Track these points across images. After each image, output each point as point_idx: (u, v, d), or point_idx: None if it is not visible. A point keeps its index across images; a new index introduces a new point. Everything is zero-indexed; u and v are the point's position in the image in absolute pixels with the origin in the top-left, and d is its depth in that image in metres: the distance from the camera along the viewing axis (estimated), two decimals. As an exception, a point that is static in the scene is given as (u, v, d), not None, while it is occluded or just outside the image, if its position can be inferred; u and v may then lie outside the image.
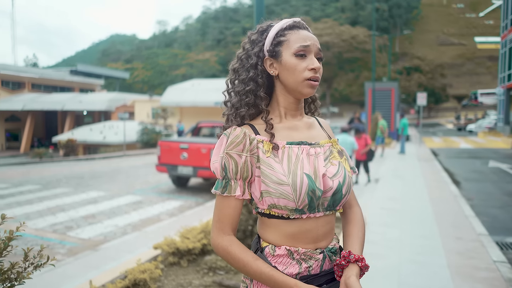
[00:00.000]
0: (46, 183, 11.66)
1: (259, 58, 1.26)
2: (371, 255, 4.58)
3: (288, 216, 1.17)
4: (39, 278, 4.27)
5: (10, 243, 1.63)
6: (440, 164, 13.29)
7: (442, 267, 4.23)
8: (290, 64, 1.21)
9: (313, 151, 1.22)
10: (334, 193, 1.19)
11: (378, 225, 5.88)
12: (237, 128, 1.20)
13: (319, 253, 1.19)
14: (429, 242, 5.09)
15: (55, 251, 5.57)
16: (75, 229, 6.70)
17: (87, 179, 12.59)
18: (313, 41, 1.23)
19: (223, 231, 1.18)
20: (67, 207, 8.32)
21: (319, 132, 1.33)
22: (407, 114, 57.78)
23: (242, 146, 1.17)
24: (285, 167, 1.15)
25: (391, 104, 23.50)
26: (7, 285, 1.54)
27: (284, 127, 1.25)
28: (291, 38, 1.22)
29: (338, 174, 1.22)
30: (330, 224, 1.24)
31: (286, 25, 1.25)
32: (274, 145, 1.19)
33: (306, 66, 1.20)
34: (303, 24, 1.28)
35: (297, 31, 1.24)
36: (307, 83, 1.21)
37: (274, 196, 1.15)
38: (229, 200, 1.18)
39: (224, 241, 1.17)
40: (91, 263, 4.70)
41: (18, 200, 9.13)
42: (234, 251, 1.15)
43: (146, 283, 3.23)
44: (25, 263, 1.61)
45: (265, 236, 1.22)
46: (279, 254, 1.17)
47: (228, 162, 1.16)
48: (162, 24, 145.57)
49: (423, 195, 8.12)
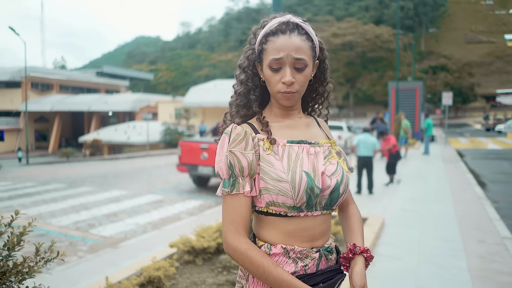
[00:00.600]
0: (71, 182, 11.99)
1: (250, 61, 1.25)
2: (387, 257, 4.51)
3: (286, 214, 1.17)
4: (62, 273, 4.41)
5: (22, 238, 1.69)
6: (466, 165, 12.94)
7: (462, 271, 4.13)
8: (266, 75, 1.20)
9: (312, 150, 1.22)
10: (331, 191, 1.19)
11: (397, 226, 5.78)
12: (238, 127, 1.20)
13: (315, 252, 1.19)
14: (450, 244, 4.97)
15: (78, 248, 5.72)
16: (97, 227, 6.86)
17: (111, 178, 12.87)
18: (287, 51, 1.15)
19: (239, 232, 1.14)
20: (90, 205, 8.53)
21: (318, 131, 1.33)
22: (432, 114, 56.53)
23: (245, 144, 1.17)
24: (284, 165, 1.16)
25: (416, 104, 23.02)
26: (18, 278, 1.60)
27: (283, 126, 1.26)
28: (269, 47, 1.18)
29: (336, 173, 1.21)
30: (326, 223, 1.24)
31: (269, 30, 1.19)
32: (272, 140, 1.19)
33: (279, 79, 1.17)
34: (289, 27, 1.18)
35: (277, 38, 1.17)
36: (281, 95, 1.19)
37: (272, 193, 1.15)
38: (239, 198, 1.16)
39: (242, 244, 1.12)
40: (110, 260, 4.81)
41: (44, 198, 9.42)
42: (254, 255, 1.11)
43: (160, 280, 3.28)
44: (36, 257, 1.67)
45: (261, 235, 1.22)
46: (275, 253, 1.17)
47: (233, 159, 1.16)
48: (185, 26, 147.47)
49: (446, 196, 7.93)
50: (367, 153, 8.32)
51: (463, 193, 8.29)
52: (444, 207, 7.01)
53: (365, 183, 8.68)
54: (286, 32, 1.17)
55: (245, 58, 1.26)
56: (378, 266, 4.24)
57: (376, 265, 4.27)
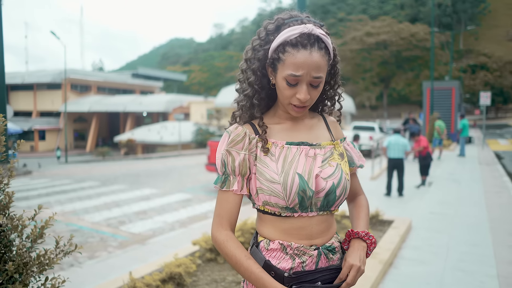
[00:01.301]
0: (105, 180, 12.42)
1: (261, 62, 1.22)
2: (412, 261, 4.42)
3: (280, 214, 1.20)
4: (92, 267, 4.60)
5: (44, 231, 1.79)
6: (504, 168, 12.41)
7: (491, 277, 3.99)
8: (280, 86, 1.19)
9: (312, 152, 1.23)
10: (327, 194, 1.20)
11: (425, 230, 5.64)
12: (239, 127, 1.24)
13: (313, 250, 1.20)
14: (480, 250, 4.80)
15: (108, 243, 5.94)
16: (127, 223, 7.08)
17: (143, 177, 13.23)
18: (307, 70, 1.13)
19: (222, 225, 1.21)
20: (122, 202, 8.81)
21: (322, 132, 1.33)
22: (471, 115, 54.52)
23: (242, 145, 1.21)
24: (279, 166, 1.18)
25: (452, 104, 22.26)
26: (39, 269, 1.71)
27: (284, 128, 1.28)
28: (287, 60, 1.14)
29: (333, 175, 1.22)
30: (325, 223, 1.25)
31: (289, 40, 1.13)
32: (265, 149, 1.22)
33: (294, 94, 1.17)
34: (310, 40, 1.13)
35: (297, 52, 1.12)
36: (291, 106, 1.20)
37: (266, 193, 1.18)
38: (228, 195, 1.21)
39: (222, 236, 1.19)
40: (137, 256, 4.97)
41: (79, 195, 9.82)
42: (229, 246, 1.17)
43: (181, 276, 3.36)
44: (56, 250, 1.77)
45: (261, 231, 1.26)
46: (272, 248, 1.20)
47: (228, 158, 1.21)
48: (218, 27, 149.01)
49: (479, 200, 7.65)
50: (397, 154, 8.15)
51: (498, 197, 7.97)
52: (476, 211, 6.77)
53: (395, 185, 8.51)
54: (307, 47, 1.12)
55: (255, 59, 1.22)
56: (402, 270, 4.17)
57: (400, 269, 4.20)
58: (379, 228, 5.46)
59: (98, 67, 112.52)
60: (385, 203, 7.61)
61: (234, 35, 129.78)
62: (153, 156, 23.88)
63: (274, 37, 1.18)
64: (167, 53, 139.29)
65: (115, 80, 47.90)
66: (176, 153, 24.46)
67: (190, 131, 28.45)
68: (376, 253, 4.28)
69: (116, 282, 3.44)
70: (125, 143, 27.34)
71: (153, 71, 59.15)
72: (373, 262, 3.99)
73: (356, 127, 20.50)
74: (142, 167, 16.79)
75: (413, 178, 9.77)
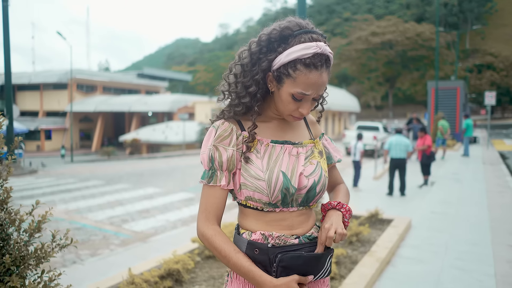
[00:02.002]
0: (109, 179, 12.53)
1: (264, 73, 1.22)
2: (410, 259, 4.44)
3: (262, 209, 1.24)
4: (93, 264, 4.68)
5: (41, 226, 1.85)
6: (508, 168, 12.35)
7: (488, 276, 4.00)
8: (284, 99, 1.21)
9: (295, 151, 1.28)
10: (308, 190, 1.25)
11: (424, 229, 5.66)
12: (225, 123, 1.26)
13: (294, 238, 1.24)
14: (478, 249, 4.82)
15: (110, 241, 6.01)
16: (129, 222, 7.16)
17: (146, 176, 13.32)
18: (316, 90, 1.18)
19: (209, 220, 1.22)
20: (125, 201, 8.89)
21: (303, 131, 1.38)
22: (477, 114, 54.20)
23: (229, 140, 1.24)
24: (264, 164, 1.22)
25: (456, 104, 22.15)
26: (35, 262, 1.76)
27: (270, 126, 1.32)
28: (299, 78, 1.15)
29: (314, 173, 1.27)
30: (305, 215, 1.29)
31: (303, 58, 1.14)
32: (249, 146, 1.25)
33: (297, 108, 1.22)
34: (321, 61, 1.15)
35: (309, 72, 1.15)
36: (291, 117, 1.25)
37: (250, 189, 1.22)
38: (215, 190, 1.23)
39: (209, 230, 1.20)
40: (139, 253, 5.03)
41: (83, 194, 9.92)
42: (218, 241, 1.19)
43: (179, 273, 3.42)
44: (53, 243, 1.82)
45: (243, 224, 1.30)
46: (254, 239, 1.23)
47: (215, 154, 1.23)
48: (224, 27, 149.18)
49: (481, 200, 7.64)
50: (399, 154, 8.16)
51: (500, 196, 7.96)
52: (478, 211, 6.77)
53: (397, 185, 8.52)
54: (318, 68, 1.15)
55: (258, 68, 1.21)
56: (399, 268, 4.19)
57: (397, 267, 4.22)
58: (378, 227, 5.48)
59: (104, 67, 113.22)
60: (386, 202, 7.63)
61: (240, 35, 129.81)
62: (157, 156, 24.01)
63: (280, 46, 1.18)
64: (172, 53, 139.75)
65: (120, 80, 48.14)
66: (180, 153, 24.57)
67: (194, 131, 28.55)
68: (374, 251, 4.31)
69: (115, 279, 3.50)
70: (130, 143, 27.51)
71: (159, 71, 59.36)
72: (370, 260, 4.02)
73: (360, 126, 20.47)
74: (146, 167, 16.90)
75: (416, 178, 9.77)
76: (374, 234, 5.11)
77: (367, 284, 3.49)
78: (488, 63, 67.30)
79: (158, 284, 3.28)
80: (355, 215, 5.98)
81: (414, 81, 73.33)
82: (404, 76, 74.53)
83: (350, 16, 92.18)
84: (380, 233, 5.13)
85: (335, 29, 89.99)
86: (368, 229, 4.90)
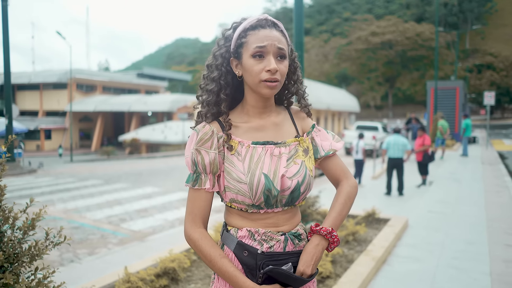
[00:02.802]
0: (108, 179, 12.54)
1: (225, 59, 1.28)
2: (406, 258, 4.46)
3: (247, 210, 1.25)
4: (91, 263, 4.68)
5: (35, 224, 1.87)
6: (506, 168, 12.36)
7: (483, 274, 4.02)
8: (248, 65, 1.23)
9: (277, 151, 1.27)
10: (292, 191, 1.25)
11: (421, 228, 5.67)
12: (206, 126, 1.27)
13: (280, 235, 1.25)
14: (474, 248, 4.83)
15: (108, 240, 6.02)
16: (128, 221, 7.17)
17: (145, 175, 13.34)
18: (271, 41, 1.21)
19: (195, 223, 1.23)
20: (124, 200, 8.91)
21: (288, 129, 1.36)
22: (476, 115, 54.20)
23: (210, 143, 1.24)
24: (245, 166, 1.22)
25: (456, 104, 22.18)
26: (29, 259, 1.78)
27: (250, 127, 1.31)
28: (250, 39, 1.22)
29: (298, 174, 1.26)
30: (290, 213, 1.30)
31: (249, 25, 1.24)
32: (229, 146, 1.26)
33: (263, 68, 1.21)
34: (268, 23, 1.25)
35: (258, 31, 1.23)
36: (263, 84, 1.21)
37: (233, 192, 1.23)
38: (200, 193, 1.24)
39: (196, 234, 1.22)
40: (136, 252, 5.04)
41: (82, 193, 9.93)
42: (204, 245, 1.20)
43: (175, 271, 3.44)
44: (46, 241, 1.84)
45: (229, 221, 1.31)
46: (241, 235, 1.25)
47: (198, 157, 1.24)
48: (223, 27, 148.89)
49: (479, 199, 7.66)
50: (397, 154, 8.18)
51: (497, 196, 7.97)
52: (475, 210, 6.79)
53: (395, 185, 8.54)
54: (266, 27, 1.24)
55: (218, 56, 1.28)
56: (395, 267, 4.21)
57: (393, 266, 4.24)
58: (375, 226, 5.50)
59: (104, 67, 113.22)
60: (384, 202, 7.64)
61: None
62: (156, 156, 24.02)
63: (232, 35, 1.28)
64: (172, 53, 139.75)
65: (120, 80, 48.12)
66: (179, 153, 24.58)
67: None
68: (370, 250, 4.32)
69: (111, 277, 3.52)
70: (129, 143, 27.54)
71: (158, 71, 59.34)
72: (366, 259, 4.03)
73: (359, 126, 20.50)
74: (145, 166, 16.91)
75: (414, 178, 9.79)
76: (370, 234, 5.12)
77: (362, 283, 3.50)
78: (488, 63, 67.32)
79: (154, 282, 3.30)
80: (352, 214, 6.00)
81: (414, 81, 73.34)
82: (403, 76, 74.56)
83: (350, 16, 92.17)
84: (376, 233, 5.15)
85: (335, 29, 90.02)
86: (364, 228, 4.91)
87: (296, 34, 5.20)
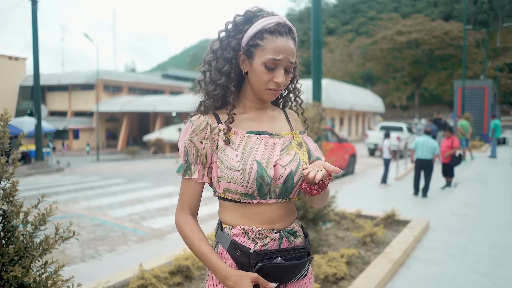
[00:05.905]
0: (131, 178, 12.78)
1: (235, 52, 1.27)
2: (425, 261, 4.35)
3: (240, 200, 1.25)
4: (109, 260, 4.78)
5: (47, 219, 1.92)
6: (537, 170, 11.90)
7: (506, 280, 3.88)
8: (258, 71, 1.24)
9: (271, 141, 1.28)
10: (285, 180, 1.25)
11: (443, 231, 5.53)
12: (201, 117, 1.29)
13: (275, 233, 1.25)
14: (498, 252, 4.67)
15: (128, 238, 6.13)
16: (148, 219, 7.28)
17: (167, 174, 13.52)
18: (286, 54, 1.22)
19: (182, 210, 1.29)
20: (145, 199, 9.06)
21: (282, 124, 1.38)
22: (508, 115, 52.39)
23: (204, 134, 1.26)
24: (239, 154, 1.24)
25: (484, 104, 21.50)
26: (38, 253, 1.83)
27: (247, 118, 1.32)
28: (267, 45, 1.21)
29: (291, 163, 1.26)
30: (285, 209, 1.29)
31: (267, 27, 1.22)
32: (226, 140, 1.26)
33: (272, 78, 1.23)
34: (285, 29, 1.24)
35: (276, 38, 1.21)
36: (269, 91, 1.26)
37: (226, 180, 1.23)
38: (190, 182, 1.28)
39: (181, 220, 1.28)
40: (154, 250, 5.11)
41: (105, 191, 10.16)
42: (186, 229, 1.25)
43: (189, 269, 3.46)
44: (56, 236, 1.89)
45: (223, 218, 1.32)
46: (235, 234, 1.25)
47: (190, 148, 1.26)
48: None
49: (506, 203, 7.39)
50: (425, 155, 7.96)
51: (526, 199, 7.68)
52: (500, 213, 6.56)
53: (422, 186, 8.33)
54: (283, 35, 1.22)
55: (230, 49, 1.27)
56: (413, 270, 4.11)
57: (411, 269, 4.14)
58: (394, 228, 5.39)
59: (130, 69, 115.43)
60: (406, 203, 7.49)
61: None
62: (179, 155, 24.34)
63: (246, 27, 1.25)
64: (197, 54, 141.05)
65: (145, 81, 48.96)
66: (202, 153, 24.85)
67: (216, 130, 28.76)
68: (387, 252, 4.24)
69: (126, 273, 3.58)
70: (153, 142, 27.97)
71: (183, 71, 60.09)
72: (383, 261, 3.96)
73: (383, 127, 20.18)
74: (168, 166, 17.15)
75: (439, 179, 9.54)
76: (389, 235, 5.03)
77: (377, 285, 3.44)
78: (520, 61, 64.93)
79: (168, 280, 3.34)
80: (371, 216, 5.90)
81: (442, 80, 71.50)
82: (431, 76, 72.79)
83: (375, 15, 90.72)
84: (395, 234, 5.05)
85: (360, 28, 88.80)
86: (383, 230, 4.82)
87: (314, 34, 5.18)
